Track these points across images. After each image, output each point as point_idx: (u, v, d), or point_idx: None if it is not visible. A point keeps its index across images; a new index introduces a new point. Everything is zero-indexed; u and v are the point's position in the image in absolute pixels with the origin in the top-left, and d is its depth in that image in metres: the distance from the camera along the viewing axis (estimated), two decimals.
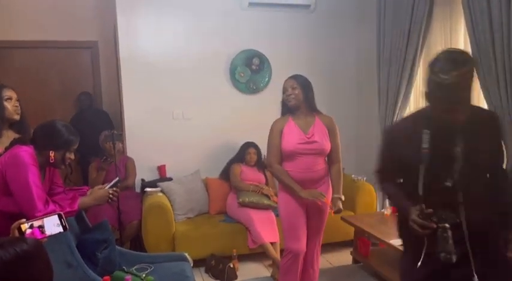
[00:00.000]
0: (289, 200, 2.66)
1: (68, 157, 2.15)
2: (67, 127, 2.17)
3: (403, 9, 3.52)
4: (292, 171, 2.65)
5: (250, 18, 4.17)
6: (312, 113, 2.71)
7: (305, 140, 2.63)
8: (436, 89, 1.57)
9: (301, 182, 2.64)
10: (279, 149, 2.67)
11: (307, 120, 2.69)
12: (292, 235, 2.68)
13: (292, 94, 2.64)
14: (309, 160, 2.64)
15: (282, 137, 2.66)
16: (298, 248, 2.67)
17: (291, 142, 2.63)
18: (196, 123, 4.15)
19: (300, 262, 2.71)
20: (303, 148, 2.62)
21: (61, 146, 2.12)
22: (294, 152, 2.63)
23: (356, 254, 3.54)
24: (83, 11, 4.80)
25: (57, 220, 1.58)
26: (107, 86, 5.00)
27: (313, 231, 2.75)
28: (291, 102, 2.65)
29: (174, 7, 3.99)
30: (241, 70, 4.18)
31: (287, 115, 2.72)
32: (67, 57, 4.95)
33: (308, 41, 4.36)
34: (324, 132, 2.68)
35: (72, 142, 2.15)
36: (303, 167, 2.63)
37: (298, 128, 2.66)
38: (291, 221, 2.68)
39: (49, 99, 4.84)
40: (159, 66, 4.00)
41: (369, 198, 3.92)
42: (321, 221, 2.76)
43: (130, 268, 2.45)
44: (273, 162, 2.69)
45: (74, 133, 2.17)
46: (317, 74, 4.31)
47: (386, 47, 3.80)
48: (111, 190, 2.26)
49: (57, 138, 2.11)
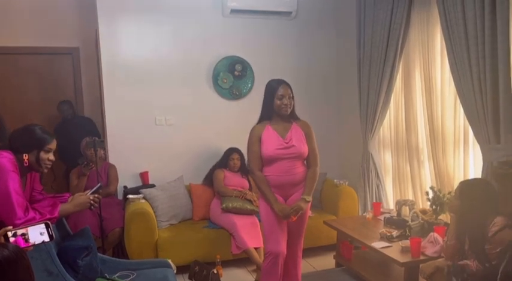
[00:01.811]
0: (269, 205, 2.70)
1: (43, 157, 2.10)
2: (41, 128, 2.14)
3: (382, 15, 3.60)
4: (272, 175, 2.70)
5: (233, 25, 4.20)
6: (289, 119, 2.77)
7: (283, 145, 2.68)
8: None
9: (281, 185, 2.70)
10: (258, 155, 2.71)
11: (284, 126, 2.74)
12: (272, 238, 2.72)
13: (289, 104, 2.69)
14: (288, 164, 2.69)
15: (261, 143, 2.70)
16: (278, 250, 2.70)
17: (270, 148, 2.68)
18: (179, 129, 4.14)
19: (280, 264, 2.73)
20: (282, 152, 2.67)
21: (33, 146, 2.08)
22: (274, 157, 2.68)
23: (339, 257, 3.56)
24: (63, 16, 4.75)
25: (43, 229, 1.54)
26: (88, 93, 4.95)
27: (293, 235, 2.80)
28: (286, 111, 2.70)
29: (156, 13, 3.99)
30: (224, 76, 4.20)
31: (265, 121, 2.76)
32: (47, 63, 4.88)
33: (290, 47, 4.41)
34: (301, 136, 2.74)
35: (46, 140, 2.10)
36: (283, 171, 2.68)
37: (276, 134, 2.71)
38: (271, 225, 2.72)
39: (29, 107, 4.77)
40: (142, 72, 3.99)
41: (351, 202, 3.97)
42: (301, 225, 2.79)
43: (113, 275, 2.43)
44: (254, 169, 2.74)
45: (47, 132, 2.13)
46: (299, 80, 4.38)
47: (366, 52, 3.87)
48: (92, 196, 2.24)
49: (29, 138, 2.08)
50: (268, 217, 2.71)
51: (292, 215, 2.65)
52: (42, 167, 2.14)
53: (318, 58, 4.52)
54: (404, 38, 3.53)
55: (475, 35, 2.69)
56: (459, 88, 2.89)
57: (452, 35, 2.88)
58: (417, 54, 3.49)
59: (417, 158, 3.59)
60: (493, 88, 2.63)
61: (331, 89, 4.61)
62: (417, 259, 2.71)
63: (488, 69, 2.62)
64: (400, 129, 3.79)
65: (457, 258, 2.39)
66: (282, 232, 2.72)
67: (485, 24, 2.61)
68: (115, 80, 3.93)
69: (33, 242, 1.51)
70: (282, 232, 2.72)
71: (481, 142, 2.80)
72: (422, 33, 3.39)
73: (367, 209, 3.90)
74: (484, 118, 2.71)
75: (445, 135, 3.22)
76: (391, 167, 3.99)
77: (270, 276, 2.75)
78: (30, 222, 1.95)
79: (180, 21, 4.07)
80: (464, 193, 2.31)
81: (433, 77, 3.29)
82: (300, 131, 2.75)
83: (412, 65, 3.56)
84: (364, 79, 3.93)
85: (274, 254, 2.71)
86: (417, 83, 3.53)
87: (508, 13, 2.51)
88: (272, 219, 2.69)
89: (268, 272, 2.75)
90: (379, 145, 4.07)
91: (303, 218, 2.77)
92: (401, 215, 3.36)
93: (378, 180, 3.97)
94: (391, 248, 2.88)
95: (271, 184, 2.70)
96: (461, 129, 3.11)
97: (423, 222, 3.09)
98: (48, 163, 2.14)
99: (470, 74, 2.76)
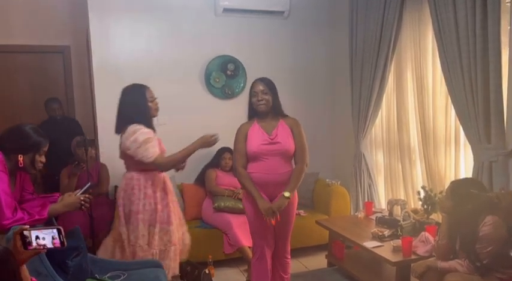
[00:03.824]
0: (254, 201, 2.67)
1: (38, 160, 2.10)
2: (35, 129, 2.12)
3: (374, 15, 3.61)
4: (257, 172, 2.67)
5: (225, 24, 4.18)
6: (278, 117, 2.75)
7: (268, 141, 2.66)
8: None
9: (265, 184, 2.66)
10: (244, 152, 2.70)
11: (271, 123, 2.73)
12: (258, 234, 2.74)
13: (263, 100, 2.67)
14: (274, 162, 2.66)
15: (247, 140, 2.70)
16: (264, 244, 2.73)
17: (254, 144, 2.67)
18: (170, 129, 4.08)
19: (268, 258, 2.76)
20: (266, 148, 2.65)
21: (30, 149, 2.07)
22: (258, 153, 2.66)
23: (331, 257, 3.57)
24: (54, 15, 4.70)
25: (56, 234, 1.51)
26: (79, 92, 4.90)
27: (280, 232, 2.78)
28: (261, 108, 2.69)
29: (148, 12, 3.96)
30: (216, 76, 4.18)
31: (253, 119, 2.76)
32: (38, 62, 4.82)
33: (282, 46, 4.40)
34: (288, 133, 2.71)
35: (42, 143, 2.11)
36: (267, 169, 2.65)
37: (262, 130, 2.70)
38: (257, 221, 2.71)
39: (18, 106, 4.71)
40: (133, 71, 3.94)
41: (342, 201, 3.98)
42: (287, 222, 2.76)
43: (103, 275, 2.41)
44: (237, 166, 2.72)
45: (42, 135, 2.12)
46: (291, 79, 4.40)
47: (358, 52, 3.88)
48: (82, 196, 2.21)
49: (25, 141, 2.07)
50: (254, 213, 2.70)
51: (274, 217, 2.60)
52: (36, 169, 2.15)
53: (310, 58, 4.51)
54: (396, 38, 3.54)
55: (466, 35, 2.70)
56: (450, 88, 2.90)
57: (443, 35, 2.89)
58: (409, 54, 3.51)
59: (409, 157, 3.60)
60: (484, 88, 2.64)
61: (323, 88, 4.60)
62: (409, 258, 2.72)
63: (479, 69, 2.64)
64: (392, 129, 3.81)
65: (449, 257, 2.41)
66: (269, 228, 2.70)
67: (476, 25, 2.62)
68: (106, 79, 3.89)
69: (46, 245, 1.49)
70: (269, 227, 2.70)
71: (472, 142, 2.81)
72: (414, 33, 3.40)
73: (359, 209, 3.91)
74: (475, 118, 2.73)
75: (436, 135, 3.24)
76: (383, 166, 4.00)
77: (259, 271, 2.77)
78: (18, 222, 1.93)
79: (172, 20, 4.04)
80: (456, 193, 2.32)
81: (424, 77, 3.31)
82: (287, 128, 2.72)
83: (404, 65, 3.57)
84: (356, 79, 3.94)
85: (261, 247, 2.73)
86: (409, 83, 3.54)
87: (498, 13, 2.52)
88: (257, 215, 2.67)
89: (257, 266, 2.77)
90: (371, 145, 4.09)
91: (287, 219, 2.74)
92: (393, 214, 3.38)
93: (370, 180, 3.98)
94: (382, 247, 2.89)
95: (255, 182, 2.67)
96: (453, 129, 3.13)
97: (415, 221, 3.10)
98: (40, 164, 2.15)
99: (461, 73, 2.77)
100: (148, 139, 2.52)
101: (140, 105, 2.63)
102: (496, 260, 2.20)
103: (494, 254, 2.18)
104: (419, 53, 3.35)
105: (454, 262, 2.34)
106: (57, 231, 1.51)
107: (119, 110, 2.71)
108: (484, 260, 2.19)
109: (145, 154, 2.50)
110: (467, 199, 2.27)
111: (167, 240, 2.68)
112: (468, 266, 2.26)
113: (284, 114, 2.79)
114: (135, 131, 2.53)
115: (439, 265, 2.39)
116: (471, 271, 2.25)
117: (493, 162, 2.66)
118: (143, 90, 2.67)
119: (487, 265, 2.20)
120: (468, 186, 2.34)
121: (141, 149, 2.50)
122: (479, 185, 2.37)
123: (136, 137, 2.51)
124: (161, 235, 2.67)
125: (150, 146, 2.51)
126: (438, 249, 2.46)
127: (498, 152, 2.63)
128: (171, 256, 2.70)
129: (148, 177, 2.66)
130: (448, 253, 2.41)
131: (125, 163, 2.75)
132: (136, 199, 2.63)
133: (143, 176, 2.66)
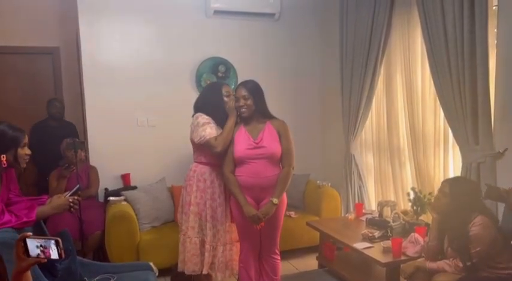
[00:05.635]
0: (240, 206, 2.68)
1: (21, 153, 2.07)
2: (9, 126, 2.09)
3: (364, 17, 3.64)
4: (243, 176, 2.68)
5: (216, 26, 4.18)
6: (264, 119, 2.75)
7: (253, 145, 2.66)
8: None
9: (251, 187, 2.66)
10: (231, 157, 2.70)
11: (257, 126, 2.73)
12: (245, 234, 2.76)
13: (244, 105, 2.68)
14: (260, 166, 2.65)
15: (233, 145, 2.70)
16: (250, 243, 2.76)
17: (240, 148, 2.67)
18: (161, 131, 4.10)
19: (254, 256, 2.79)
20: (251, 153, 2.66)
21: (9, 146, 2.04)
22: (244, 157, 2.66)
23: (321, 259, 3.58)
24: (43, 16, 4.66)
25: (54, 245, 1.45)
26: (69, 93, 4.86)
27: (267, 235, 2.77)
28: (244, 113, 2.71)
29: (138, 14, 3.95)
30: (207, 77, 4.18)
31: (240, 123, 2.77)
32: (27, 63, 4.77)
33: (273, 48, 4.42)
34: (274, 137, 2.70)
35: (19, 137, 2.07)
36: (253, 172, 2.65)
37: (248, 134, 2.70)
38: (244, 227, 2.73)
39: (7, 108, 4.65)
40: (123, 73, 3.94)
41: (333, 203, 3.99)
42: (274, 227, 2.76)
43: (92, 278, 2.39)
44: (225, 171, 2.72)
45: (17, 129, 2.09)
46: (282, 81, 4.41)
47: (349, 54, 3.90)
48: (71, 198, 2.19)
49: (2, 139, 2.03)
50: (240, 218, 2.72)
51: (259, 222, 2.61)
52: (21, 164, 2.11)
53: (301, 60, 4.53)
54: (385, 40, 3.57)
55: (454, 38, 2.73)
56: (439, 90, 2.93)
57: (432, 38, 2.92)
58: (398, 57, 3.54)
59: (398, 159, 3.63)
60: (471, 90, 2.67)
61: (314, 90, 4.62)
62: (398, 259, 2.73)
63: (467, 71, 2.67)
64: (381, 131, 3.83)
65: (437, 258, 2.43)
66: (255, 232, 2.71)
67: (464, 28, 2.65)
68: (96, 81, 3.87)
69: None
70: (255, 232, 2.71)
71: (460, 143, 2.84)
72: (403, 35, 3.43)
73: (350, 210, 3.92)
74: (463, 120, 2.76)
75: (425, 137, 3.27)
76: (373, 168, 4.03)
77: (246, 269, 2.79)
78: (6, 225, 1.91)
79: (162, 22, 4.04)
80: (454, 190, 2.33)
81: (413, 80, 3.34)
82: (274, 131, 2.71)
83: (394, 67, 3.60)
84: (347, 81, 3.96)
85: (247, 245, 2.76)
86: (398, 85, 3.57)
87: (486, 16, 2.56)
88: (243, 219, 2.68)
89: (243, 265, 2.80)
90: (361, 147, 4.11)
91: (275, 224, 2.74)
92: (383, 216, 3.39)
93: (360, 181, 4.00)
94: (373, 248, 2.90)
95: (241, 185, 2.67)
96: (441, 130, 3.16)
97: (404, 223, 3.12)
98: (26, 157, 2.12)
99: (449, 76, 2.80)
100: (207, 123, 2.73)
101: (214, 99, 2.82)
102: (485, 261, 2.23)
103: (482, 254, 2.20)
104: (408, 56, 3.38)
105: (442, 262, 2.37)
106: (55, 242, 1.48)
107: (196, 101, 2.96)
108: (473, 259, 2.21)
109: (203, 134, 2.68)
110: (466, 196, 2.29)
111: (218, 239, 2.79)
112: (456, 266, 2.28)
113: (271, 116, 2.78)
114: (198, 117, 2.79)
115: (428, 266, 2.41)
116: (459, 270, 2.27)
117: (481, 163, 2.69)
118: (219, 87, 2.86)
119: (475, 265, 2.23)
120: (466, 184, 2.40)
121: (200, 129, 2.70)
122: (474, 183, 2.42)
123: (198, 120, 2.75)
124: (214, 232, 2.77)
125: (208, 126, 2.71)
126: (428, 250, 2.48)
127: (486, 154, 2.67)
128: (218, 256, 2.80)
129: (206, 170, 2.80)
130: (437, 253, 2.44)
131: (193, 154, 2.93)
132: (191, 190, 2.81)
133: (202, 168, 2.82)
